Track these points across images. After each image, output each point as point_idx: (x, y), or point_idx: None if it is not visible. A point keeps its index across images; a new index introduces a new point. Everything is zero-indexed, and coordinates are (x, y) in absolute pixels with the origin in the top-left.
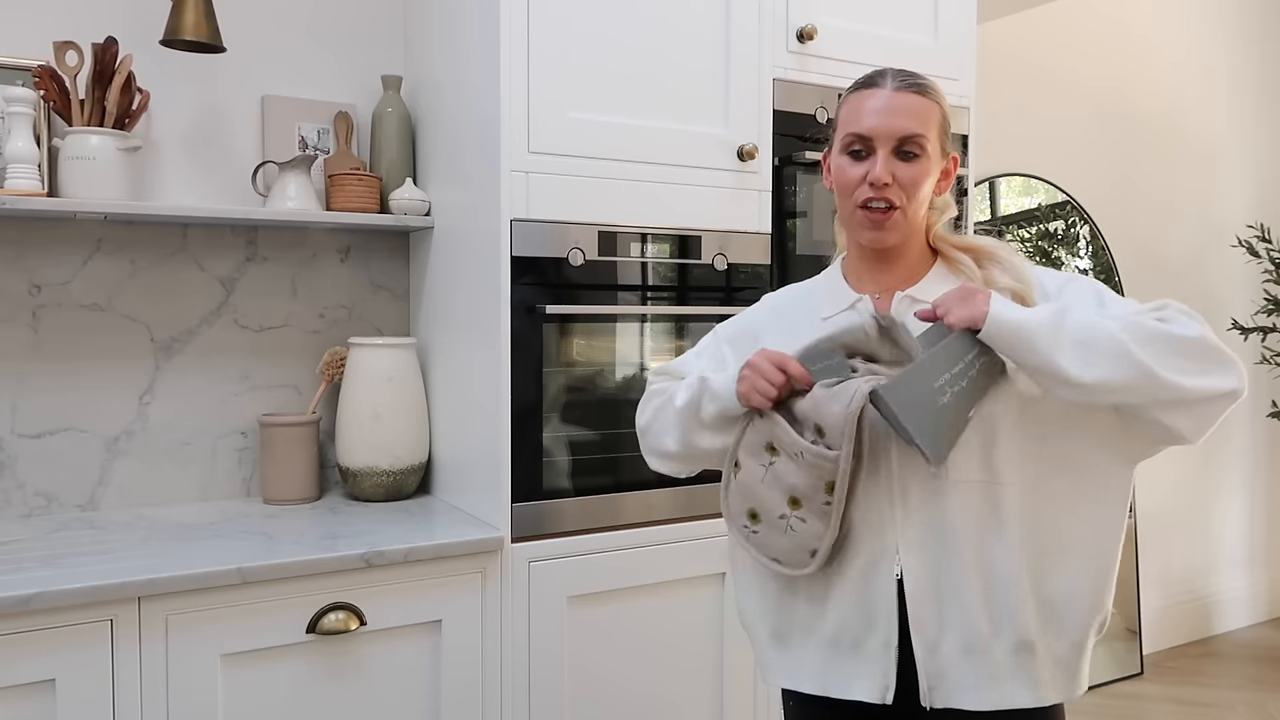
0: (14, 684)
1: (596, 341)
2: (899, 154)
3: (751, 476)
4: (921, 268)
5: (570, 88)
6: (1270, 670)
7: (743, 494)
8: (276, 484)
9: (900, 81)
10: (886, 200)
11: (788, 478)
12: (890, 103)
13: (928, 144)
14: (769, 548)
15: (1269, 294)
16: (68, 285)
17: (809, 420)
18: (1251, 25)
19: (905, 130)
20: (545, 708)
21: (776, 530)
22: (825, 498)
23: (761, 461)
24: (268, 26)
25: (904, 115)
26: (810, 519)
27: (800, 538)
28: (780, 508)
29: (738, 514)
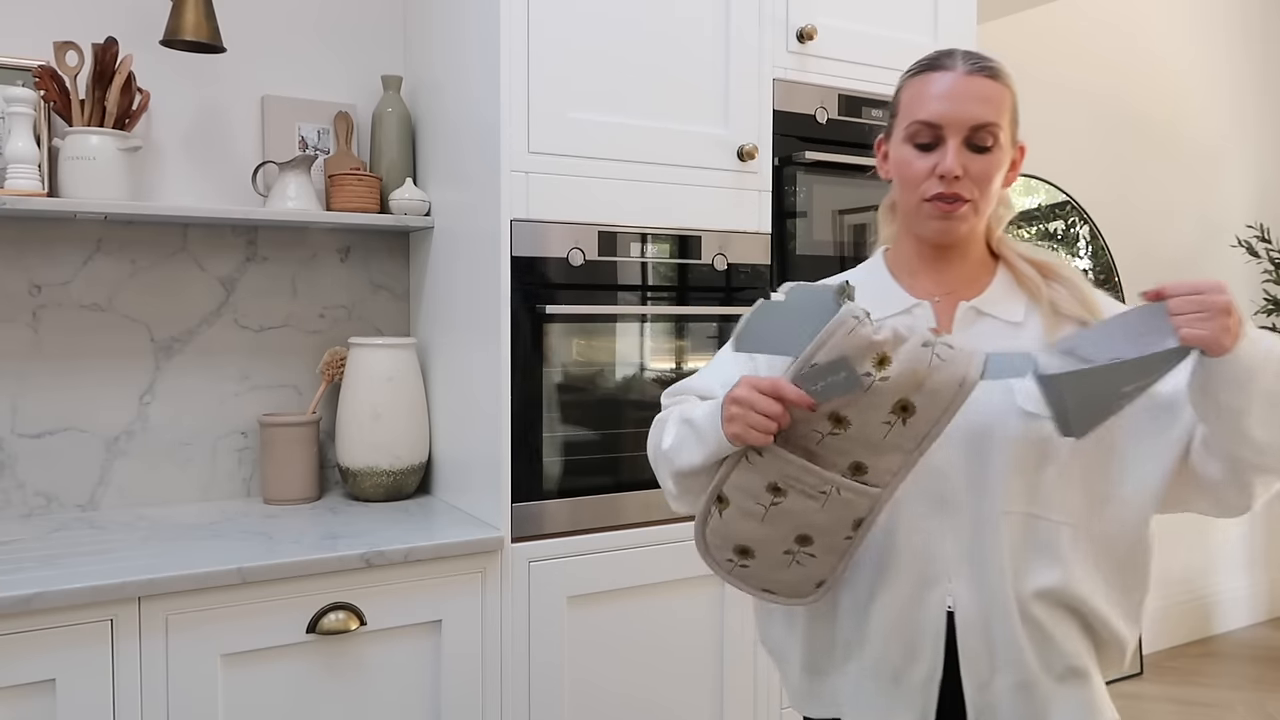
0: (14, 684)
1: (596, 341)
2: (970, 145)
3: (743, 515)
4: (982, 273)
5: (570, 88)
6: (1270, 670)
7: (727, 533)
8: (276, 484)
9: (971, 64)
10: (957, 195)
11: (802, 516)
12: (961, 87)
13: (1000, 133)
14: (762, 580)
15: (1269, 294)
16: (68, 285)
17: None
18: (1252, 26)
19: (979, 119)
20: (545, 707)
21: (776, 565)
22: (848, 533)
23: (760, 501)
24: (268, 26)
25: (976, 102)
26: (822, 555)
27: (807, 571)
28: (784, 544)
29: (718, 549)
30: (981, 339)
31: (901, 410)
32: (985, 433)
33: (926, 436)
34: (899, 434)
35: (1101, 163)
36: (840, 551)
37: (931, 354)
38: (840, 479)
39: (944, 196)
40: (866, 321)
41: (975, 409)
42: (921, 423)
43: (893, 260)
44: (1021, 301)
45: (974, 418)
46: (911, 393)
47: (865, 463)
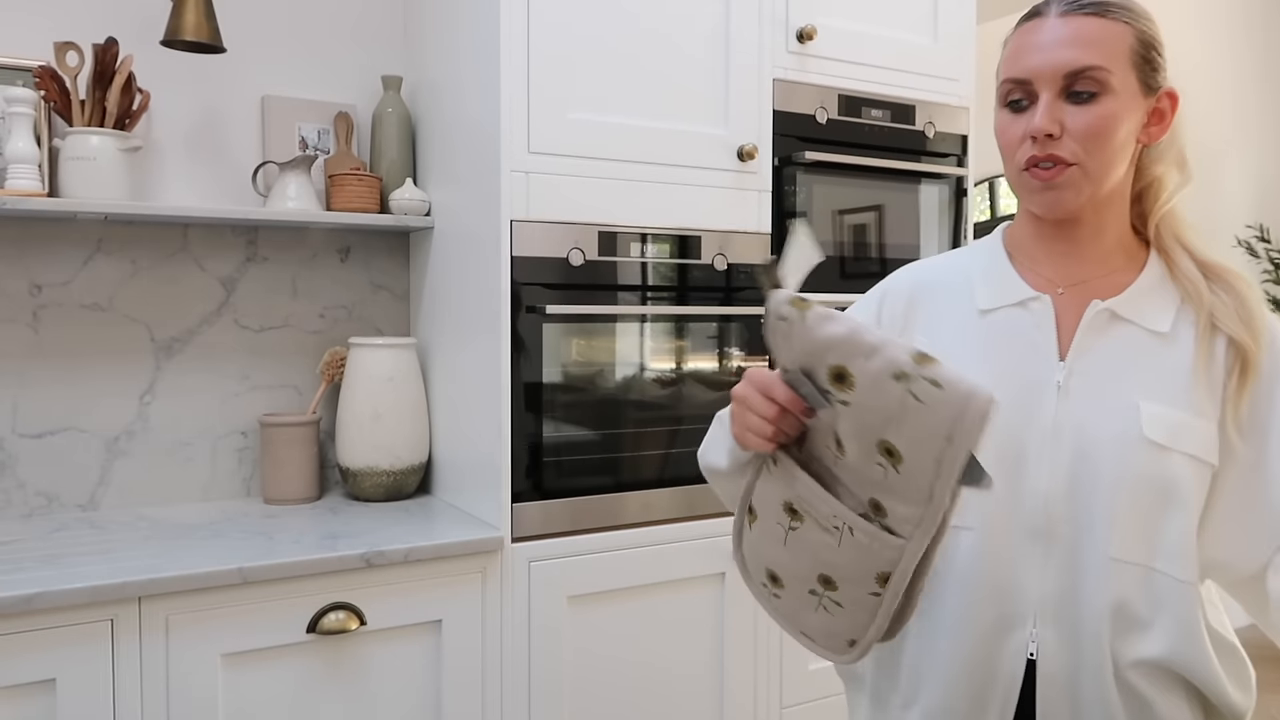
0: (14, 684)
1: (596, 341)
2: (1070, 96)
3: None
4: (1124, 261)
5: (570, 88)
6: (1270, 670)
7: (757, 552)
8: (277, 484)
9: (1069, 4)
10: (1054, 159)
11: (821, 552)
12: (1055, 32)
13: (1110, 78)
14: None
15: (1269, 294)
16: (68, 285)
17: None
18: (1253, 27)
19: (1073, 64)
20: (545, 707)
21: (804, 605)
22: (874, 588)
23: (780, 521)
24: (268, 26)
25: (1072, 45)
26: (850, 607)
27: (835, 623)
28: (809, 581)
29: (754, 570)
30: (1116, 351)
31: (887, 454)
32: (1094, 461)
33: (934, 494)
34: (897, 481)
35: None
36: (869, 609)
37: (905, 392)
38: (852, 516)
39: (1040, 161)
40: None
41: (1086, 430)
42: (918, 476)
43: (1011, 241)
44: (1172, 303)
45: (1084, 440)
46: (889, 434)
47: (883, 503)
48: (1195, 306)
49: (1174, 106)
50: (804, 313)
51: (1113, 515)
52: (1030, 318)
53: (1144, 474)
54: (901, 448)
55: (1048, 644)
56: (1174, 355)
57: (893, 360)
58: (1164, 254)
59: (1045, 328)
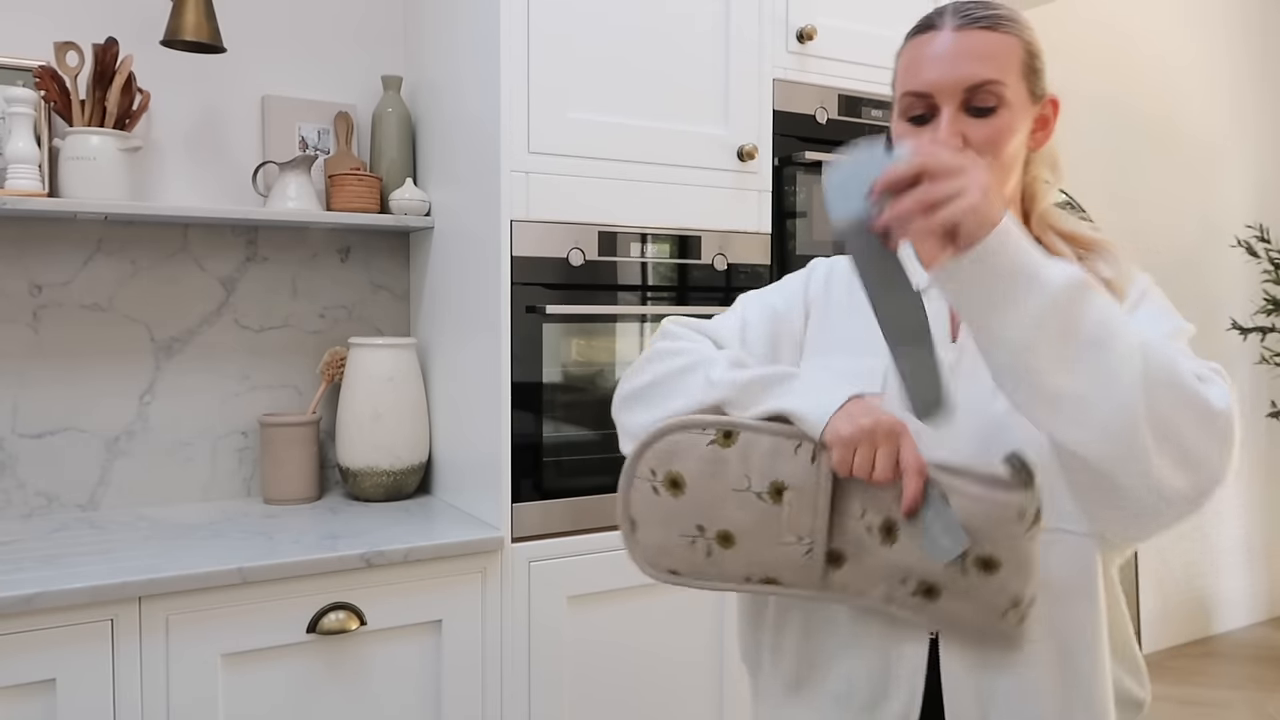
0: (14, 684)
1: (596, 341)
2: (969, 110)
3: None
4: None
5: (570, 88)
6: (1270, 670)
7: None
8: (277, 484)
9: (963, 17)
10: None
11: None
12: (952, 46)
13: (1006, 90)
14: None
15: (1268, 294)
16: (68, 285)
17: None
18: (1252, 26)
19: (973, 78)
20: (545, 707)
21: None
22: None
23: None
24: (268, 26)
25: (970, 60)
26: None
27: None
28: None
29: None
30: None
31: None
32: (991, 433)
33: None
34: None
35: (1101, 163)
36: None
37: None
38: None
39: None
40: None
41: (980, 407)
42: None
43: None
44: None
45: (979, 417)
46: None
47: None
48: None
49: (1055, 112)
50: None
51: None
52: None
53: (1036, 440)
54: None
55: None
56: None
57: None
58: (1045, 245)
59: (940, 313)
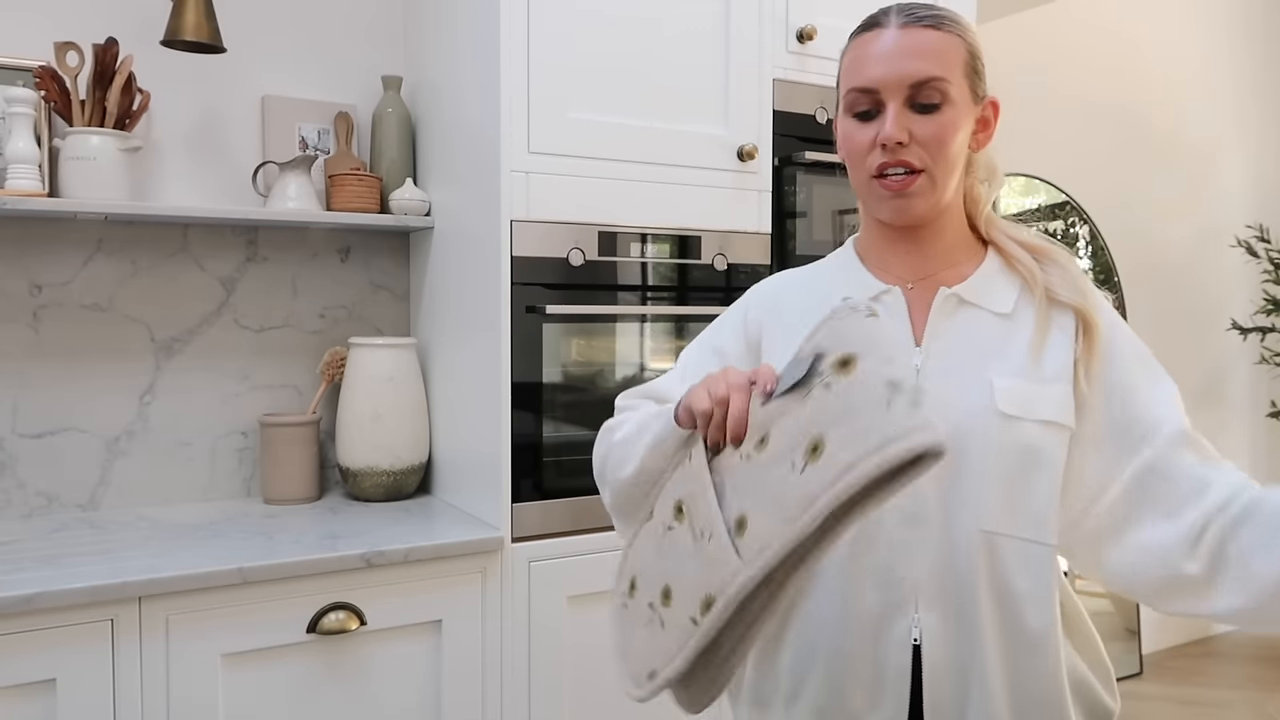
0: (14, 684)
1: (596, 341)
2: (915, 106)
3: (650, 535)
4: (965, 255)
5: (570, 88)
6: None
7: (634, 552)
8: (277, 484)
9: (907, 16)
10: (905, 165)
11: (677, 559)
12: (898, 44)
13: (950, 88)
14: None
15: (1268, 294)
16: (68, 285)
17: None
18: (1252, 27)
19: (918, 75)
20: (545, 707)
21: (640, 616)
22: (695, 612)
23: (664, 521)
24: (268, 26)
25: (915, 57)
26: (670, 628)
27: (654, 644)
28: (653, 590)
29: (623, 574)
30: (966, 333)
31: (812, 451)
32: (960, 438)
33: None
34: (791, 485)
35: (1101, 163)
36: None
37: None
38: (719, 523)
39: (890, 170)
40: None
41: (948, 410)
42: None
43: (861, 248)
44: (1013, 290)
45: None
46: (831, 430)
47: (748, 516)
48: (1033, 286)
49: (995, 114)
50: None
51: (981, 490)
52: (883, 310)
53: (1004, 445)
54: (831, 444)
55: (931, 628)
56: (1018, 333)
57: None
58: (998, 247)
59: (899, 317)
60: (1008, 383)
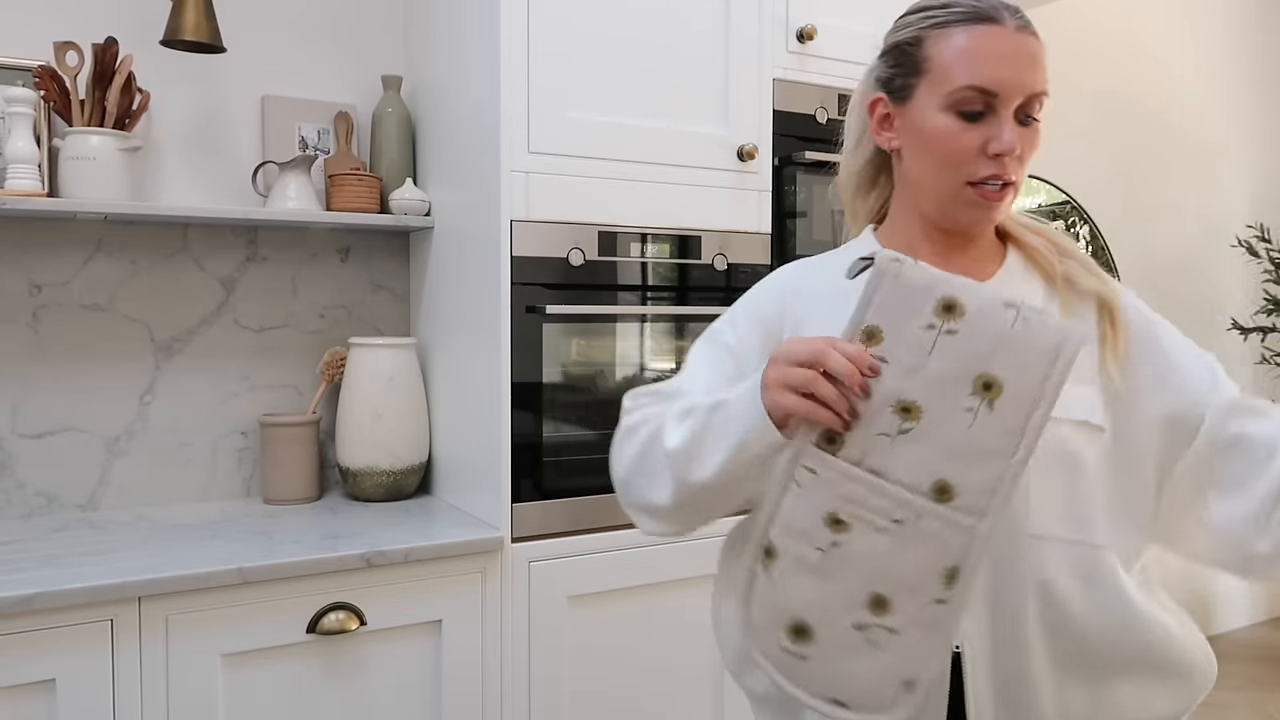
0: (14, 684)
1: (596, 341)
2: (1018, 117)
3: (796, 568)
4: (990, 254)
5: (570, 88)
6: (1270, 670)
7: (778, 601)
8: (276, 484)
9: (1018, 19)
10: (1004, 178)
11: (873, 562)
12: (1018, 47)
13: (1046, 104)
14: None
15: (1268, 294)
16: (68, 285)
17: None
18: (1252, 26)
19: (1037, 87)
20: (545, 707)
21: (843, 650)
22: (939, 594)
23: (817, 543)
24: (268, 26)
25: (1034, 67)
26: (907, 630)
27: (887, 660)
28: (853, 612)
29: (767, 630)
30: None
31: (984, 389)
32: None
33: (1025, 432)
34: (988, 427)
35: (1101, 162)
36: (931, 626)
37: (1017, 316)
38: (920, 500)
39: (993, 180)
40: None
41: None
42: (1014, 409)
43: (887, 238)
44: (1037, 289)
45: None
46: (992, 362)
47: (951, 480)
48: (1053, 275)
49: None
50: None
51: (1026, 492)
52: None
53: (1051, 447)
54: (1003, 375)
55: (972, 633)
56: None
57: (1000, 294)
58: (1017, 242)
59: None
60: None
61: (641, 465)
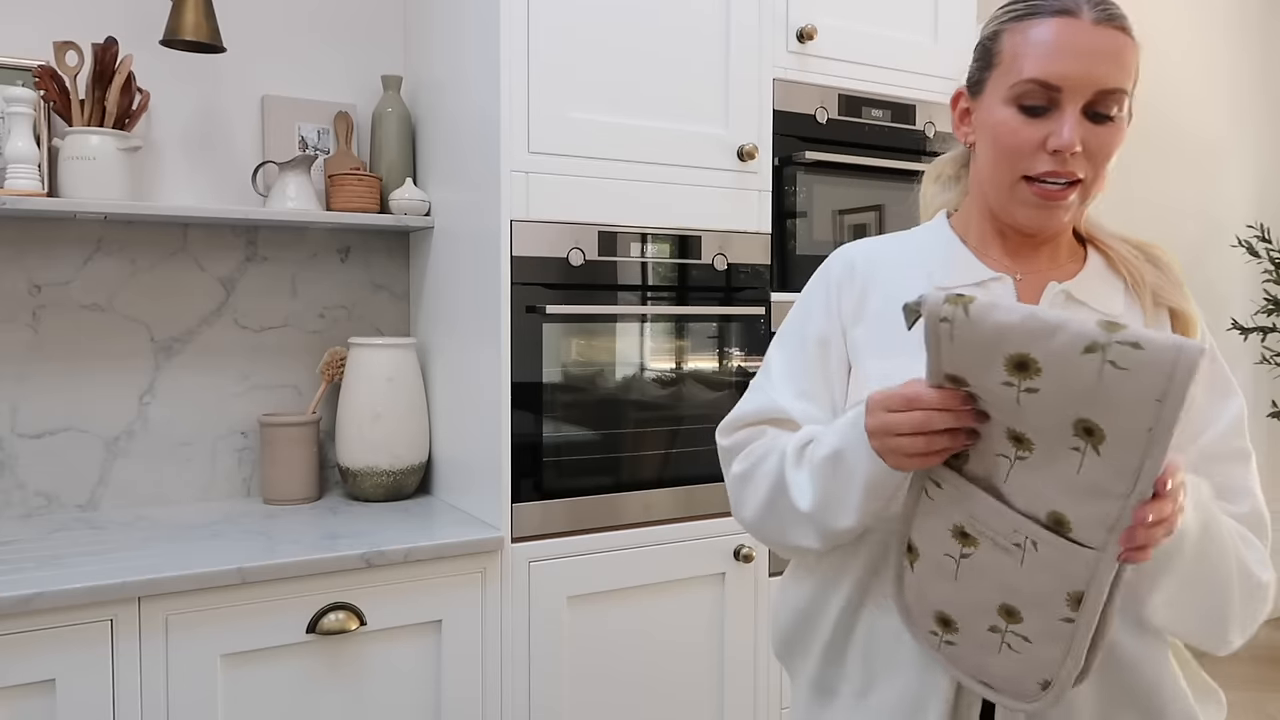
0: (14, 684)
1: (596, 341)
2: (1090, 113)
3: (935, 571)
4: (1069, 254)
5: (570, 88)
6: (1270, 670)
7: (924, 593)
8: (276, 484)
9: (1101, 10)
10: (1068, 175)
11: (1000, 577)
12: (1091, 41)
13: (1126, 100)
14: (973, 664)
15: (1269, 294)
16: (68, 285)
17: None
18: (1251, 24)
19: (1107, 83)
20: (545, 708)
21: (983, 646)
22: (1066, 613)
23: (949, 552)
24: (268, 26)
25: (1107, 61)
26: (1039, 640)
27: (1023, 661)
28: (988, 616)
29: (920, 616)
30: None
31: (1086, 434)
32: None
33: (1140, 474)
34: (1097, 468)
35: None
36: (1061, 639)
37: (1101, 363)
38: (1035, 528)
39: (1052, 177)
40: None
41: None
42: (1122, 452)
43: (964, 228)
44: (1119, 291)
45: None
46: (1087, 411)
47: (1065, 514)
48: (1139, 288)
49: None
50: (967, 307)
51: None
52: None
53: None
54: (1104, 424)
55: None
56: None
57: (1080, 334)
58: (1100, 246)
59: None
60: None
61: (773, 515)
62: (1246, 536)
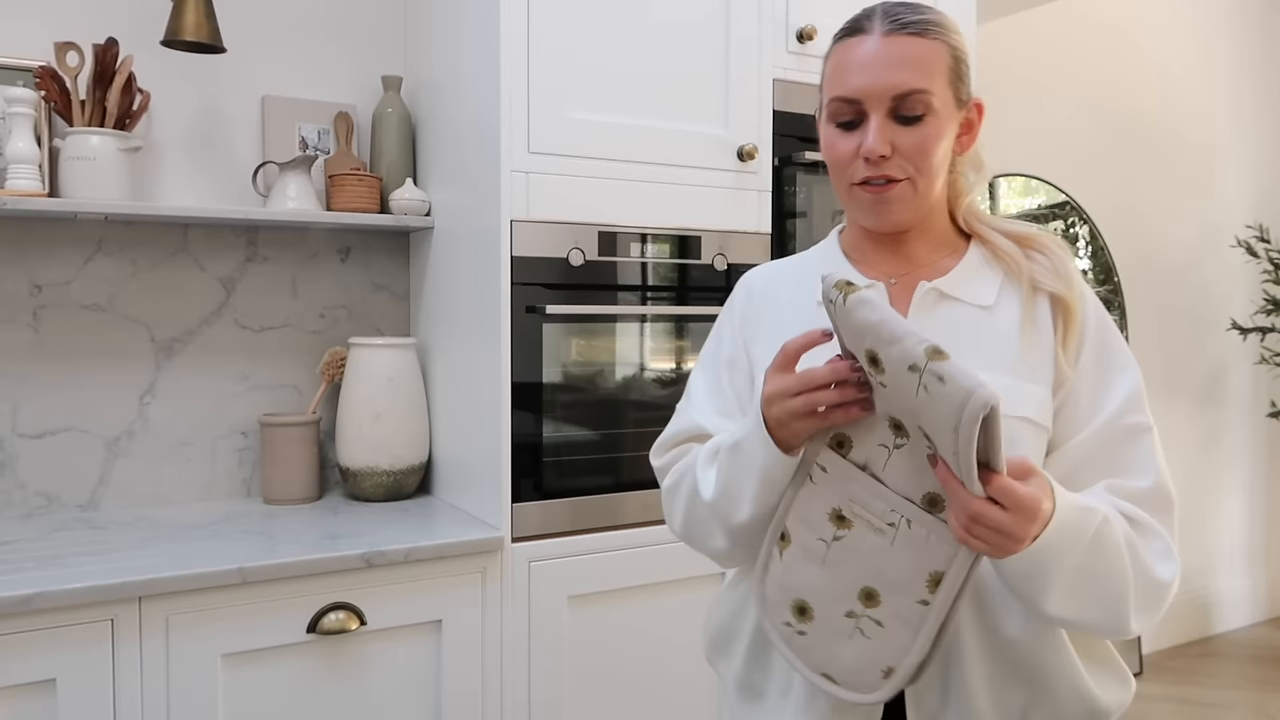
0: (14, 684)
1: (596, 341)
2: (897, 117)
3: (804, 556)
4: (948, 250)
5: (570, 88)
6: (1270, 670)
7: (786, 582)
8: (276, 484)
9: (891, 22)
10: (885, 176)
11: (869, 558)
12: (881, 52)
13: (933, 99)
14: (822, 656)
15: (1268, 294)
16: (68, 285)
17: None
18: (1252, 25)
19: (901, 87)
20: (545, 707)
21: (836, 633)
22: (923, 595)
23: (822, 535)
24: (268, 26)
25: (898, 67)
26: (891, 624)
27: (872, 647)
28: (847, 600)
29: (776, 607)
30: (946, 327)
31: (924, 435)
32: None
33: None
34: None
35: (1101, 163)
36: (913, 623)
37: (918, 384)
38: (912, 507)
39: (872, 179)
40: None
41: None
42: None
43: (847, 244)
44: (995, 282)
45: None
46: (916, 417)
47: (939, 493)
48: (1017, 276)
49: (980, 115)
50: (845, 296)
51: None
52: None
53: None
54: (928, 432)
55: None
56: (1000, 326)
57: (908, 352)
58: (981, 239)
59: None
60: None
61: (693, 520)
62: (1147, 526)
